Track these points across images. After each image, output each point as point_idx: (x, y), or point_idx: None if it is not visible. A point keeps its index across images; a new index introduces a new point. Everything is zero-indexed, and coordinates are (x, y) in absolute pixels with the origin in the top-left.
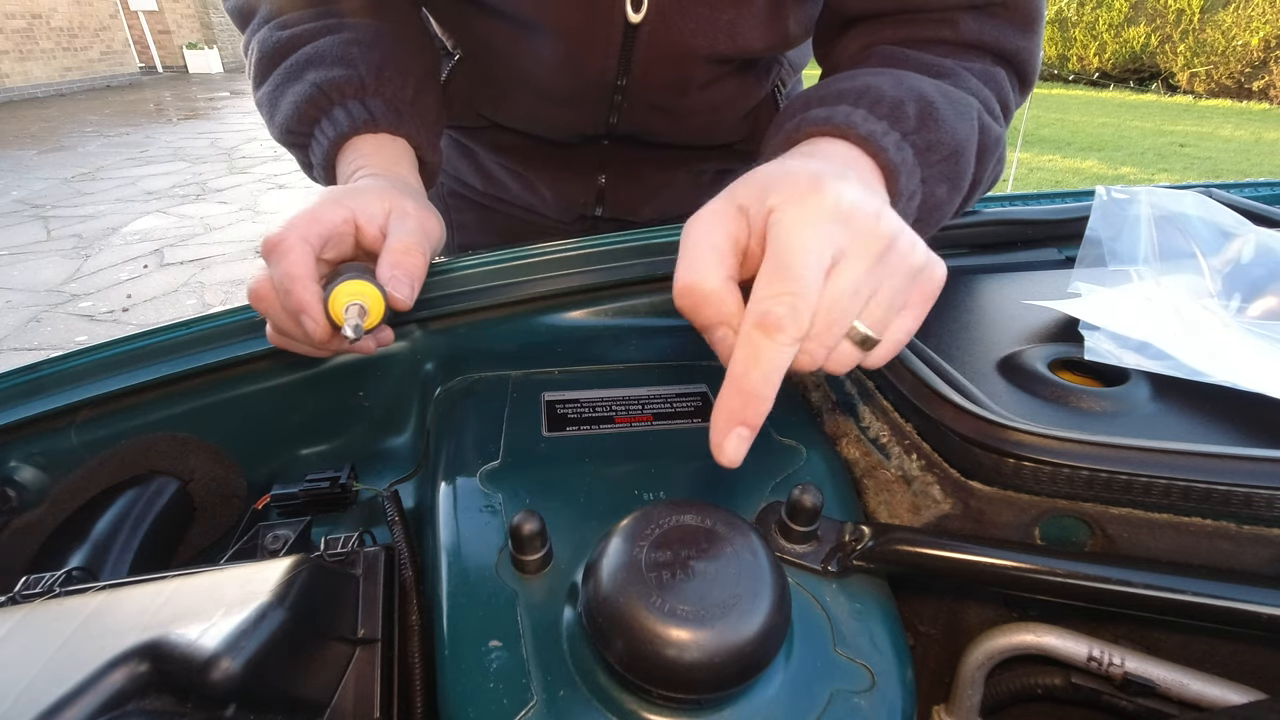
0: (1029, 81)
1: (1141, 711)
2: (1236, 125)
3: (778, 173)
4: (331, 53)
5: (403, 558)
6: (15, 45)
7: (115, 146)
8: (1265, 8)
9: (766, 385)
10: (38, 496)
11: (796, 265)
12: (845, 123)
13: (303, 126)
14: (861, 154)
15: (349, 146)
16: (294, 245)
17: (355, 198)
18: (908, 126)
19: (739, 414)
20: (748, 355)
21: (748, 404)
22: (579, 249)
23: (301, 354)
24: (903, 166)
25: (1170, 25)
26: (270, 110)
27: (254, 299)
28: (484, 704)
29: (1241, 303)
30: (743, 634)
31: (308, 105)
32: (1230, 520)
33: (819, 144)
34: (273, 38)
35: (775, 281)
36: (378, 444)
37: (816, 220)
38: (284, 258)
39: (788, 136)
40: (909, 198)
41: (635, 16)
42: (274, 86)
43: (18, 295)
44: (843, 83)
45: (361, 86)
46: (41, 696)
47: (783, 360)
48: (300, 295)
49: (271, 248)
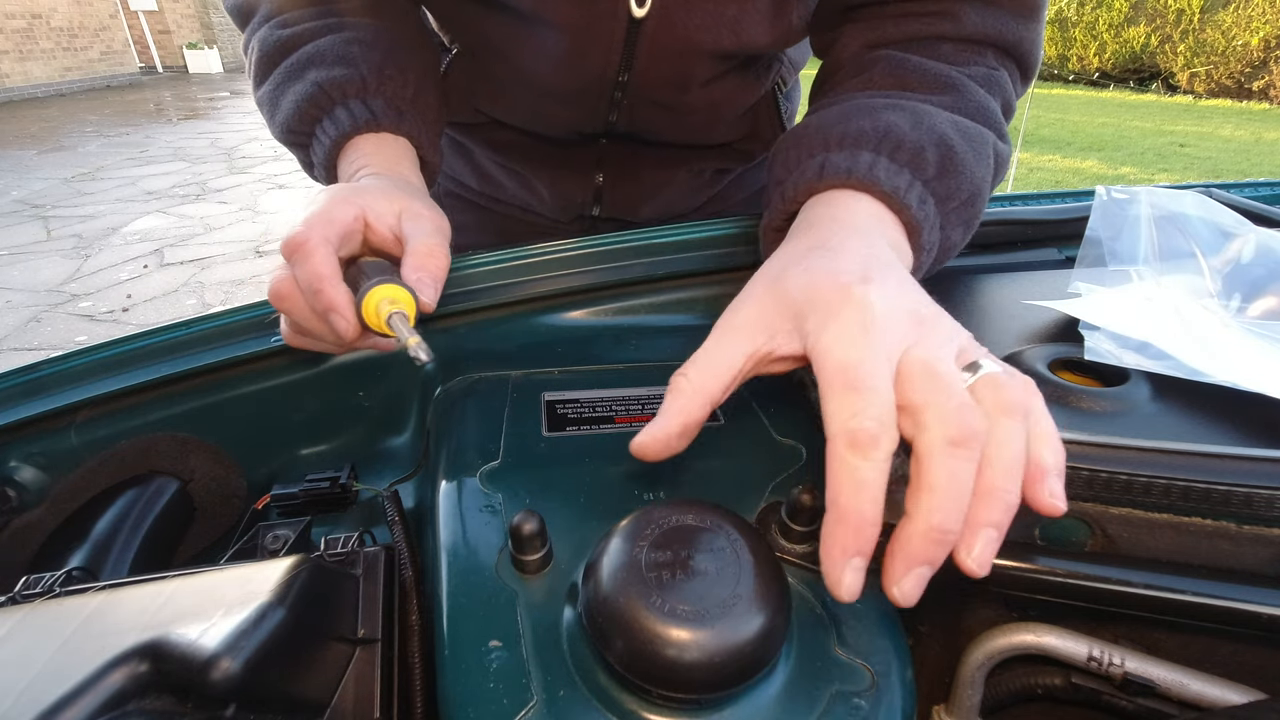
0: (1031, 71)
1: (1141, 711)
2: (1236, 125)
3: (804, 285)
4: (332, 51)
5: (403, 558)
6: (15, 45)
7: (115, 146)
8: (1265, 8)
9: (875, 508)
10: (38, 496)
11: (866, 378)
12: (868, 177)
13: (304, 126)
14: (885, 209)
15: (350, 146)
16: (318, 245)
17: (363, 196)
18: (928, 174)
19: (852, 545)
20: (850, 480)
21: (860, 531)
22: (579, 249)
23: (318, 351)
24: (925, 222)
25: (1170, 25)
26: (271, 109)
27: (275, 298)
28: (484, 704)
29: (1241, 303)
30: (743, 634)
31: (309, 104)
32: (1230, 520)
33: (842, 201)
34: (273, 36)
35: (849, 398)
36: (378, 444)
37: (860, 335)
38: (309, 258)
39: (810, 185)
40: (929, 250)
41: (639, 11)
42: (275, 86)
43: (18, 295)
44: (862, 120)
45: (363, 85)
46: (41, 696)
47: (882, 478)
48: (331, 295)
49: (295, 248)
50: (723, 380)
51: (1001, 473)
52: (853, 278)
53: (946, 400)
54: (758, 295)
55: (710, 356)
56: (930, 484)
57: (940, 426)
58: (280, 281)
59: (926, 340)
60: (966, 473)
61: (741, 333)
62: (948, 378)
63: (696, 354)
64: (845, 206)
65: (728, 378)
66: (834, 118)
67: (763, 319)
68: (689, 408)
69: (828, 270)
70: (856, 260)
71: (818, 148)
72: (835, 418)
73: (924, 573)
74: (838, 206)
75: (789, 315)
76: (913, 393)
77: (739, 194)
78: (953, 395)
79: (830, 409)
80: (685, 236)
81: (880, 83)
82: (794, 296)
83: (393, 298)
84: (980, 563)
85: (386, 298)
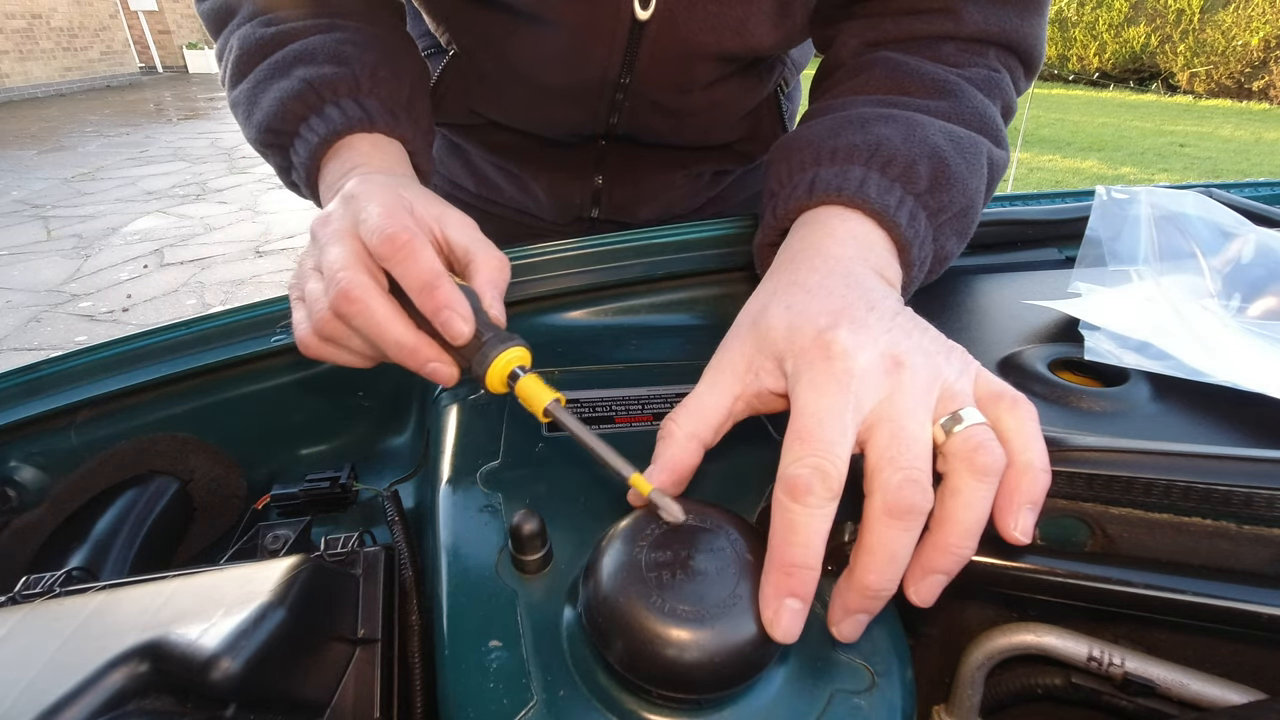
0: (1034, 66)
1: (1141, 711)
2: (1236, 125)
3: (784, 328)
4: (323, 50)
5: (403, 558)
6: (15, 45)
7: (115, 146)
8: (1265, 8)
9: (808, 553)
10: (38, 496)
11: (815, 429)
12: (858, 194)
13: (286, 125)
14: (875, 226)
15: (342, 145)
16: (423, 243)
17: (407, 193)
18: (920, 188)
19: (785, 586)
20: (783, 524)
21: (792, 574)
22: (579, 249)
23: (338, 363)
24: (915, 239)
25: (1170, 25)
26: (248, 109)
27: (345, 300)
28: (484, 704)
29: (1241, 303)
30: (743, 634)
31: (295, 102)
32: (1230, 520)
33: (830, 222)
34: (256, 34)
35: (794, 446)
36: (378, 444)
37: (827, 385)
38: (417, 256)
39: (800, 204)
40: (920, 265)
41: (643, 14)
42: (255, 83)
43: (18, 295)
44: (853, 133)
45: (356, 84)
46: (41, 696)
47: (819, 524)
48: (449, 292)
49: (401, 245)
50: (712, 424)
51: (959, 534)
52: (830, 323)
53: (892, 474)
54: (742, 335)
55: (700, 401)
56: (867, 547)
57: (881, 496)
58: (358, 287)
59: (900, 392)
60: (901, 543)
61: (726, 374)
62: (905, 443)
63: (686, 399)
64: (832, 230)
65: (716, 421)
66: (826, 130)
67: (745, 359)
68: (679, 455)
69: (807, 314)
70: (836, 302)
71: (809, 162)
72: (781, 462)
73: (862, 619)
74: (824, 231)
75: (771, 354)
76: (870, 451)
77: (738, 195)
78: (899, 468)
79: (782, 454)
80: (685, 237)
81: (877, 86)
82: (774, 338)
83: (519, 358)
84: (923, 599)
85: (514, 361)
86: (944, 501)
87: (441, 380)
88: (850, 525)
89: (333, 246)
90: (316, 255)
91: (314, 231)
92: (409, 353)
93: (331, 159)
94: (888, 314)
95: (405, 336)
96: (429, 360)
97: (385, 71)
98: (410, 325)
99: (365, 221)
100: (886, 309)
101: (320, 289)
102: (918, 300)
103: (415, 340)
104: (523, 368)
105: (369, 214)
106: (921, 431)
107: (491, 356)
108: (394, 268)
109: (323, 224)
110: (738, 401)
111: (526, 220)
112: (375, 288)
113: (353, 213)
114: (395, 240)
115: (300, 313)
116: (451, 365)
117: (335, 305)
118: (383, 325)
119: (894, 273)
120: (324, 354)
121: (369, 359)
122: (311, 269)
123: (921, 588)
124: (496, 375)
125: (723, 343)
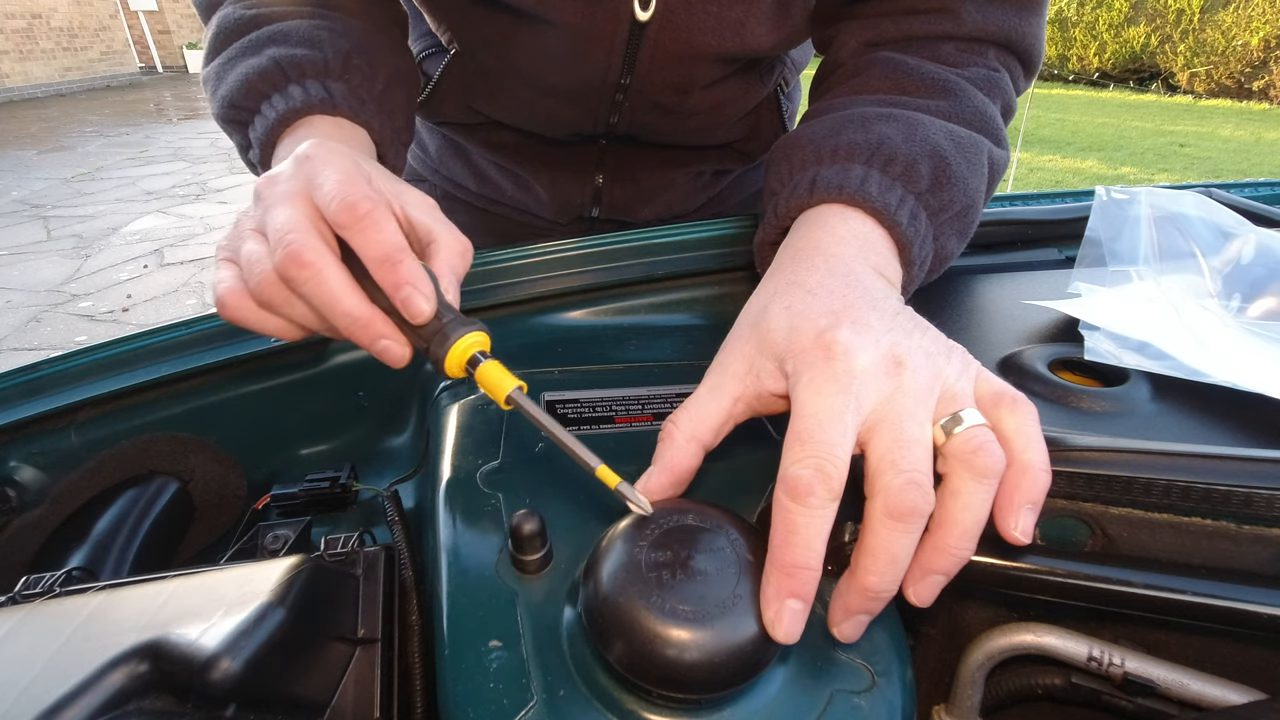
0: (1034, 66)
1: (1141, 711)
2: (1236, 125)
3: (784, 329)
4: (298, 33)
5: (403, 558)
6: (15, 45)
7: (115, 146)
8: (1265, 8)
9: (809, 554)
10: (38, 496)
11: (815, 430)
12: (859, 193)
13: (249, 101)
14: (875, 225)
15: (301, 124)
16: (387, 214)
17: (364, 163)
18: (921, 187)
19: (785, 587)
20: (784, 525)
21: (793, 575)
22: (579, 249)
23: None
24: (916, 238)
25: (1170, 25)
26: (216, 84)
27: (295, 264)
28: (484, 704)
29: (1241, 303)
30: (743, 634)
31: (259, 79)
32: (1230, 520)
33: (831, 220)
34: (235, 14)
35: (794, 447)
36: (378, 444)
37: (827, 386)
38: (380, 227)
39: (801, 202)
40: (920, 264)
41: (643, 15)
42: (226, 60)
43: (18, 295)
44: (854, 132)
45: (325, 68)
46: (41, 696)
47: (820, 525)
48: (412, 267)
49: (363, 215)
50: (712, 426)
51: (958, 535)
52: (830, 323)
53: (894, 477)
54: (743, 336)
55: (700, 403)
56: (868, 548)
57: (882, 498)
58: (310, 250)
59: (901, 393)
60: (902, 545)
61: (727, 376)
62: (906, 445)
63: (686, 401)
64: (832, 229)
65: (716, 423)
66: (827, 129)
67: (745, 361)
68: (679, 457)
69: (807, 314)
70: (836, 302)
71: (810, 161)
72: (781, 463)
73: (863, 619)
74: (825, 230)
75: (771, 356)
76: (871, 453)
77: (738, 195)
78: (900, 471)
79: (783, 455)
80: (685, 236)
81: (877, 86)
82: (774, 339)
83: (479, 342)
84: (922, 600)
85: (475, 345)
86: (944, 503)
87: (390, 360)
88: (851, 526)
89: (281, 207)
90: (259, 216)
91: (259, 191)
92: (361, 326)
93: (288, 136)
94: (888, 314)
95: (358, 308)
96: (381, 337)
97: (359, 60)
98: (364, 297)
99: (321, 186)
100: (887, 309)
101: (263, 250)
102: (918, 300)
103: (369, 313)
104: (484, 353)
105: (325, 179)
106: (922, 433)
107: (453, 339)
108: (353, 237)
109: (269, 184)
110: (738, 403)
111: (527, 219)
112: (329, 253)
113: (305, 174)
114: (356, 209)
115: (229, 271)
116: (404, 345)
117: (283, 268)
118: (335, 293)
119: (894, 272)
120: (252, 319)
121: (301, 330)
122: (251, 229)
123: (920, 588)
124: (456, 359)
125: (724, 344)
